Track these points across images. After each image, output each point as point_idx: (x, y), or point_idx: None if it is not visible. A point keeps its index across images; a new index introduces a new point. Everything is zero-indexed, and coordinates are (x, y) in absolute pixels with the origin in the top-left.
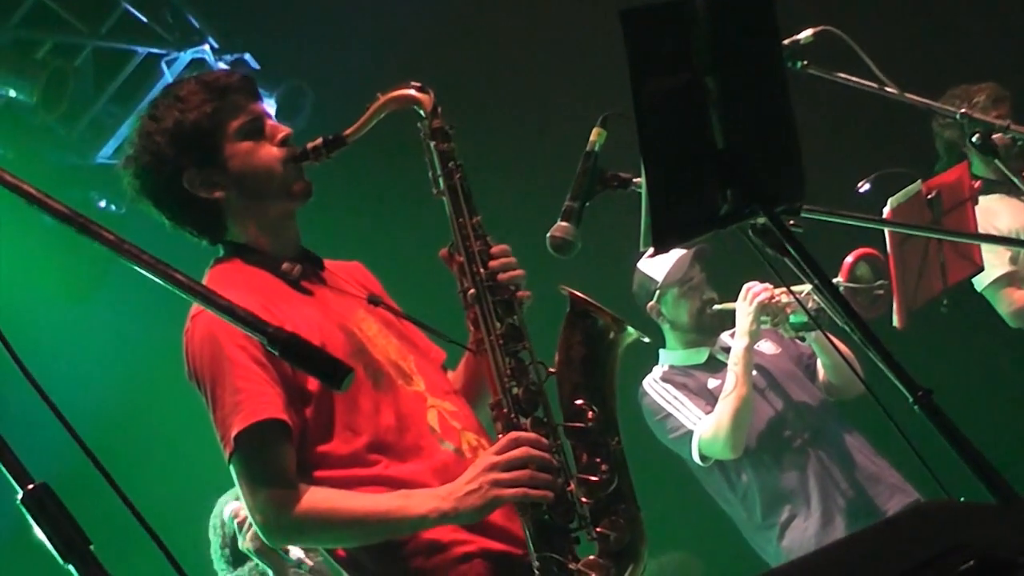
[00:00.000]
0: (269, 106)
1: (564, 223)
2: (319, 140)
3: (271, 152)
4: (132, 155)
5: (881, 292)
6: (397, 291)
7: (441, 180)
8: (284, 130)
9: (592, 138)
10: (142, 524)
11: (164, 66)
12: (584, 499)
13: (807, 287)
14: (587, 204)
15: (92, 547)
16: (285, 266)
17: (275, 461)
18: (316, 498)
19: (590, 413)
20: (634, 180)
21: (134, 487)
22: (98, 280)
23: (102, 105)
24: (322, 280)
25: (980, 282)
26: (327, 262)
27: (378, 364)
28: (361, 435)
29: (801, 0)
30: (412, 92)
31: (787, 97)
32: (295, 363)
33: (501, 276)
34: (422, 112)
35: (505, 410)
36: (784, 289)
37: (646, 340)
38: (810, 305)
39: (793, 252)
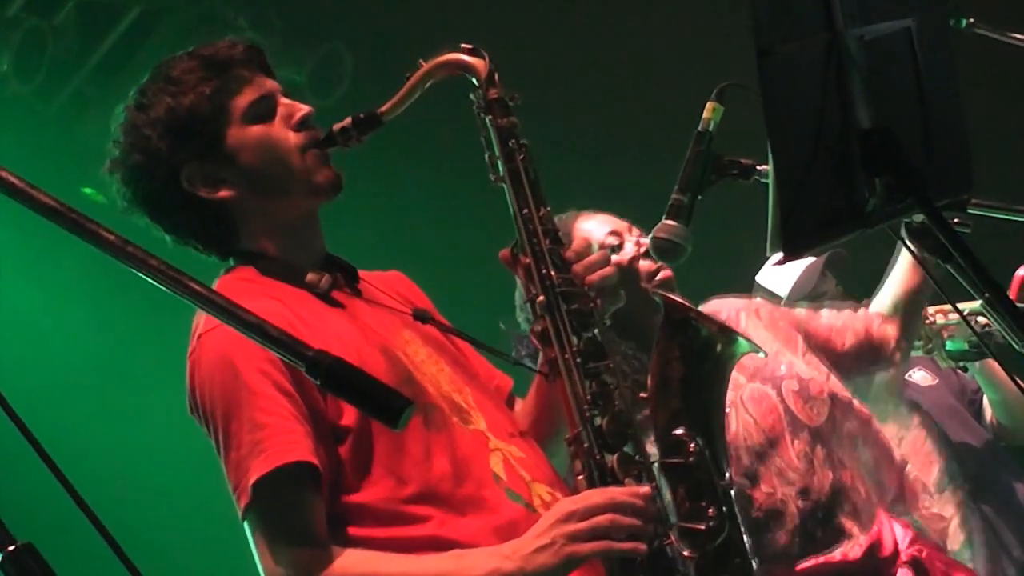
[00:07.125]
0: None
1: (671, 221)
2: (348, 120)
3: (287, 137)
4: (119, 156)
5: None
6: (447, 304)
7: (500, 163)
8: (303, 109)
9: (705, 115)
10: None
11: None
12: (687, 553)
13: (969, 305)
14: (699, 197)
15: None
16: (311, 277)
17: (302, 515)
18: (350, 562)
19: (692, 445)
20: (758, 168)
21: (131, 541)
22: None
23: (87, 73)
24: (357, 293)
25: None
26: (362, 273)
27: (429, 397)
28: (408, 484)
29: None
30: (463, 56)
31: (951, 64)
32: (343, 394)
33: (590, 278)
34: (475, 81)
35: (586, 445)
36: (941, 307)
37: (762, 354)
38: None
39: (959, 258)
